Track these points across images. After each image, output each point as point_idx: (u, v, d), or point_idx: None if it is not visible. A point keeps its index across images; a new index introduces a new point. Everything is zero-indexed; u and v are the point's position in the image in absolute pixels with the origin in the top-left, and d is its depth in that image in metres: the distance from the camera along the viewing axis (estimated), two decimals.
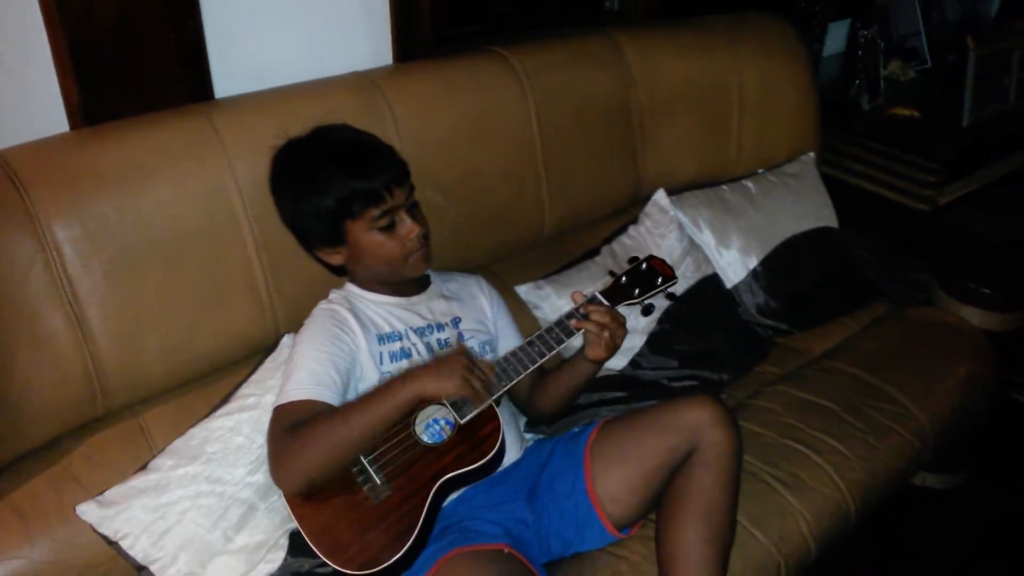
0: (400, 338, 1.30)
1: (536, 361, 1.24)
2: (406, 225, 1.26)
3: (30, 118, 1.27)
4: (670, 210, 1.79)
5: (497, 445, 1.19)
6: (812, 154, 2.04)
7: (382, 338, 1.29)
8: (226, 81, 1.44)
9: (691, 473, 1.20)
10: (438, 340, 1.34)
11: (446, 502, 1.22)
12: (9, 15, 1.21)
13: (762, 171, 2.02)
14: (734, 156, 2.01)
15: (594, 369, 1.32)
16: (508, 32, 1.82)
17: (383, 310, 1.32)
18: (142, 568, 1.15)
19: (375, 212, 1.23)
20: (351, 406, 1.15)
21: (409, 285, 1.37)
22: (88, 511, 1.12)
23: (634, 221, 1.82)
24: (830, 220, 1.95)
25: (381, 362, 1.27)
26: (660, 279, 1.32)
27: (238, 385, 1.31)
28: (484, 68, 1.63)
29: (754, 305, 1.83)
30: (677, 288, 1.38)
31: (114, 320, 1.21)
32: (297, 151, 1.29)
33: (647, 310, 1.32)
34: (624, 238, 1.79)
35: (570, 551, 1.28)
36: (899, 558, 1.79)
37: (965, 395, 1.64)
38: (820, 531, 1.35)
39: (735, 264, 1.84)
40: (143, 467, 1.19)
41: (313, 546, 1.11)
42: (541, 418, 1.45)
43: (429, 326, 1.35)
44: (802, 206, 1.93)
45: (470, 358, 1.18)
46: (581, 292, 1.30)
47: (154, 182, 1.24)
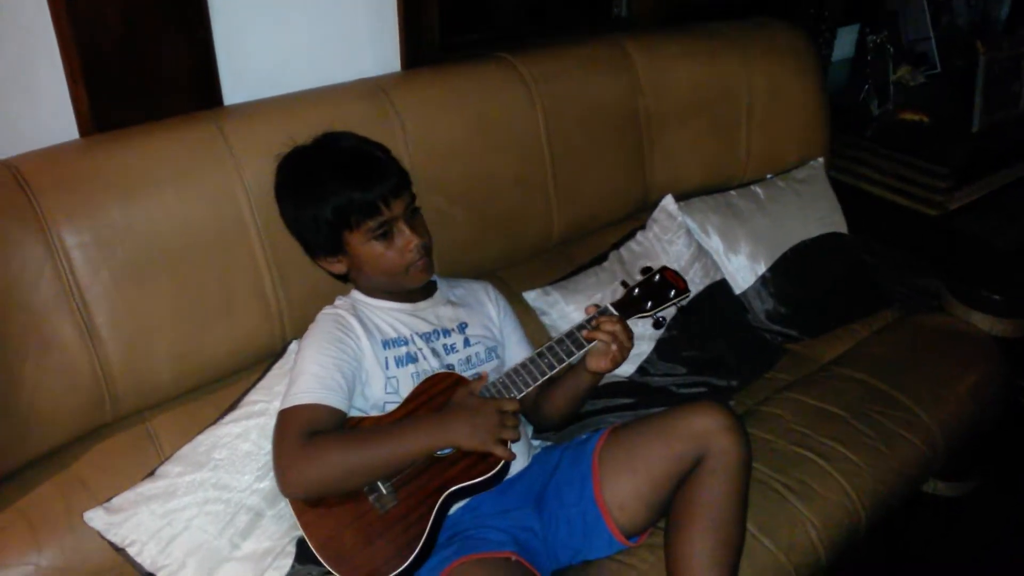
0: (406, 343, 1.30)
1: (546, 373, 1.24)
2: (404, 236, 1.26)
3: (40, 125, 1.28)
4: (678, 216, 1.78)
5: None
6: (821, 159, 2.03)
7: (387, 343, 1.29)
8: (235, 88, 1.45)
9: (699, 481, 1.20)
10: (444, 346, 1.34)
11: (452, 511, 1.21)
12: (19, 21, 1.22)
13: (771, 176, 2.01)
14: (743, 162, 2.00)
15: (596, 380, 1.31)
16: (516, 39, 1.82)
17: (388, 316, 1.33)
18: (149, 575, 1.15)
19: (372, 224, 1.23)
20: (374, 434, 1.16)
21: (415, 292, 1.37)
22: (95, 518, 1.13)
23: (642, 227, 1.81)
24: (839, 226, 1.94)
25: (387, 366, 1.27)
26: (673, 292, 1.31)
27: (246, 391, 1.31)
28: (492, 75, 1.63)
29: (763, 311, 1.82)
30: None
31: (123, 326, 1.22)
32: (300, 159, 1.29)
33: (658, 323, 1.32)
34: (632, 244, 1.78)
35: (578, 559, 1.27)
36: (909, 565, 1.78)
37: (975, 402, 1.63)
38: (830, 539, 1.34)
39: (744, 270, 1.83)
40: (151, 473, 1.20)
41: (318, 555, 1.11)
42: (547, 426, 1.44)
43: (435, 331, 1.34)
44: (811, 211, 1.93)
45: (503, 409, 1.18)
46: (595, 305, 1.29)
47: (163, 189, 1.25)
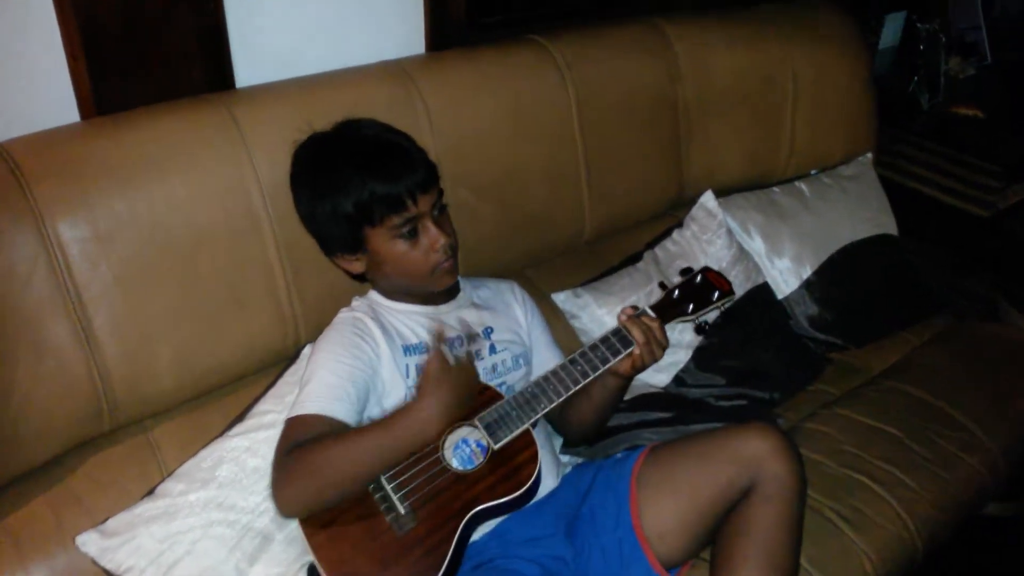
0: (427, 349, 1.20)
1: (580, 381, 1.14)
2: (431, 235, 1.16)
3: (37, 106, 1.18)
4: (718, 214, 1.67)
5: (535, 475, 1.08)
6: (870, 155, 1.91)
7: (408, 349, 1.18)
8: (248, 69, 1.34)
9: (751, 510, 1.09)
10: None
11: (476, 536, 1.11)
12: None
13: (815, 172, 1.89)
14: (785, 156, 1.88)
15: (622, 384, 1.21)
16: (548, 20, 1.70)
17: (409, 319, 1.22)
18: None
19: (396, 220, 1.13)
20: (360, 433, 1.05)
21: (437, 294, 1.26)
22: (89, 542, 1.03)
23: (679, 225, 1.70)
24: (889, 227, 1.82)
25: (408, 375, 1.16)
26: (716, 294, 1.21)
27: (256, 400, 1.21)
28: (523, 58, 1.51)
29: (807, 318, 1.71)
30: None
31: (124, 328, 1.12)
32: (319, 147, 1.18)
33: (701, 328, 1.22)
34: (668, 243, 1.67)
35: None
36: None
37: None
38: (886, 571, 1.24)
39: (787, 273, 1.72)
40: (150, 492, 1.10)
41: None
42: (576, 437, 1.34)
43: (459, 337, 1.23)
44: (860, 211, 1.81)
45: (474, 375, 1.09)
46: (633, 307, 1.19)
47: (169, 178, 1.14)
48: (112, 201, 1.10)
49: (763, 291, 1.66)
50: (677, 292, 1.21)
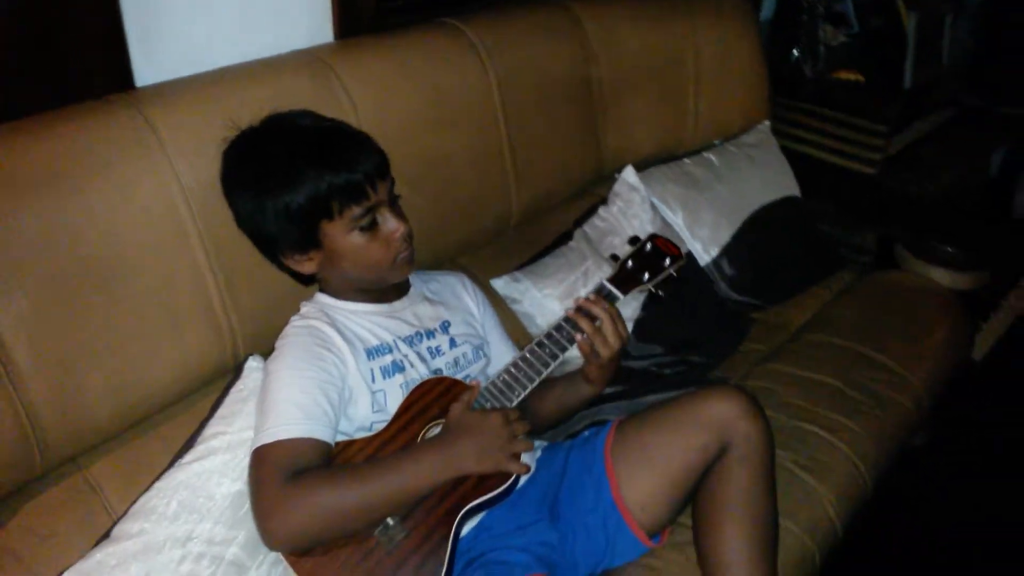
0: (390, 350, 1.15)
1: (549, 364, 1.12)
2: (390, 224, 1.11)
3: None
4: (640, 187, 1.69)
5: None
6: (767, 123, 2.00)
7: (371, 352, 1.13)
8: (148, 67, 1.23)
9: (728, 472, 1.11)
10: (429, 349, 1.19)
11: (463, 532, 1.08)
12: None
13: (719, 143, 1.96)
14: (691, 128, 1.94)
15: (592, 393, 1.22)
16: (454, 2, 1.67)
17: (366, 321, 1.16)
18: None
19: (357, 210, 1.07)
20: (371, 470, 0.99)
21: (390, 291, 1.21)
22: None
23: (603, 202, 1.71)
24: (793, 189, 1.91)
25: (373, 379, 1.11)
26: (668, 260, 1.22)
27: (203, 424, 1.11)
28: (442, 43, 1.47)
29: (728, 282, 1.76)
30: None
31: (48, 360, 1.00)
32: (256, 142, 1.10)
33: (657, 296, 1.23)
34: (596, 220, 1.68)
35: (599, 568, 1.16)
36: (901, 515, 1.78)
37: (948, 356, 1.63)
38: (844, 512, 1.30)
39: (707, 241, 1.76)
40: (106, 535, 0.99)
41: None
42: (539, 429, 1.32)
43: (418, 334, 1.19)
44: (766, 176, 1.89)
45: (508, 420, 1.05)
46: (595, 292, 1.18)
47: (83, 189, 1.03)
48: (22, 218, 0.98)
49: (688, 261, 1.69)
50: (631, 262, 1.21)
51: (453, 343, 1.22)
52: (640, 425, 1.19)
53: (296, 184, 1.05)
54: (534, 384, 1.11)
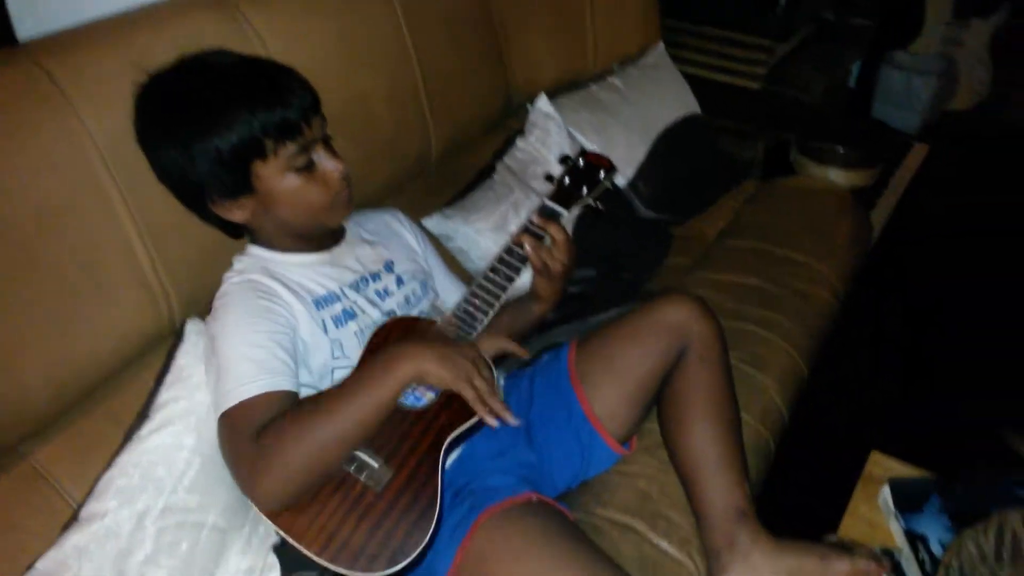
0: (338, 299, 1.10)
1: (506, 288, 1.11)
2: (327, 164, 1.06)
3: None
4: (555, 115, 1.69)
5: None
6: (661, 44, 2.04)
7: (319, 302, 1.08)
8: (30, 19, 1.10)
9: (690, 372, 1.15)
10: (377, 291, 1.16)
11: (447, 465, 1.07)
12: None
13: (617, 66, 1.98)
14: (591, 54, 1.95)
15: (542, 312, 1.22)
16: None
17: (308, 270, 1.11)
18: None
19: (292, 148, 1.01)
20: (334, 393, 0.96)
21: (326, 237, 1.16)
22: None
23: (520, 133, 1.71)
24: (694, 107, 1.97)
25: (327, 330, 1.07)
26: (601, 172, 1.23)
27: (153, 392, 1.04)
28: None
29: (645, 201, 1.81)
30: None
31: None
32: (174, 85, 1.02)
33: (597, 210, 1.24)
34: (515, 152, 1.67)
35: (576, 482, 1.19)
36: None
37: (853, 248, 1.75)
38: (788, 398, 1.39)
39: (622, 163, 1.79)
40: (73, 519, 0.92)
41: (321, 559, 0.92)
42: None
43: (363, 278, 1.16)
44: (668, 96, 1.93)
45: (480, 364, 1.01)
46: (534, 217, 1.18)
47: None
48: None
49: None
50: (567, 179, 1.21)
51: (400, 281, 1.20)
52: (600, 340, 1.21)
53: (226, 124, 0.97)
54: (495, 310, 1.10)
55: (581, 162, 1.24)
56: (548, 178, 1.24)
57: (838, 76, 3.16)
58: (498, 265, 1.12)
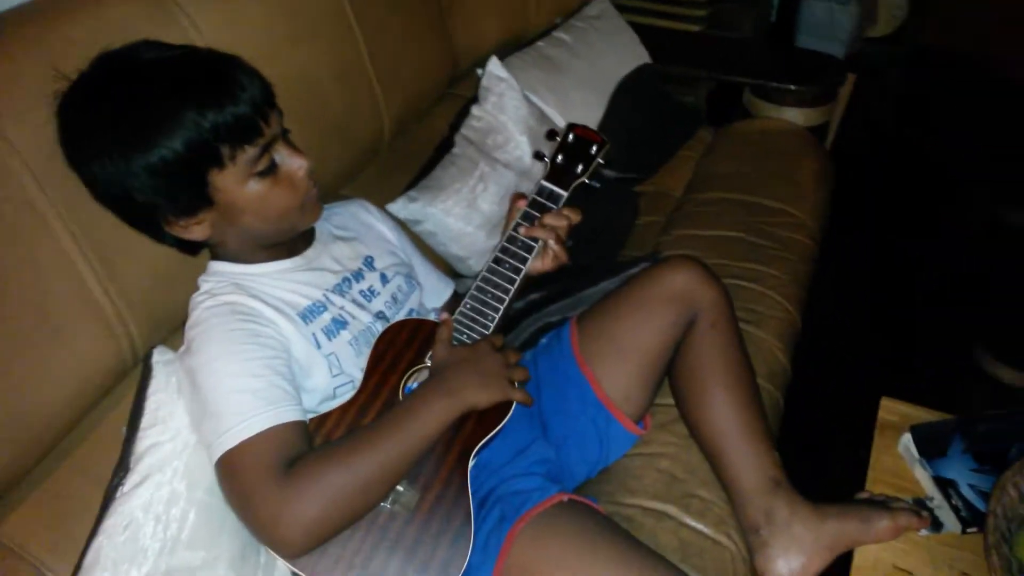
0: (324, 307, 1.00)
1: (515, 281, 1.03)
2: (292, 162, 0.93)
3: None
4: (508, 77, 1.59)
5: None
6: None
7: (305, 315, 0.97)
8: None
9: (703, 340, 1.10)
10: (362, 292, 1.06)
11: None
12: None
13: (560, 20, 1.89)
14: (533, 9, 1.86)
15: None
16: None
17: (285, 281, 0.99)
18: None
19: (252, 151, 0.88)
20: (375, 431, 0.87)
21: (297, 240, 1.04)
22: None
23: (474, 100, 1.60)
24: (644, 56, 1.90)
25: (319, 345, 0.96)
26: (593, 147, 1.15)
27: (129, 440, 0.92)
28: None
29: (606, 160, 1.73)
30: None
31: None
32: (101, 89, 0.86)
33: (591, 188, 1.16)
34: (472, 121, 1.57)
35: (596, 471, 1.14)
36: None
37: (821, 187, 1.73)
38: (788, 351, 1.36)
39: (581, 121, 1.70)
40: None
41: None
42: None
43: (345, 279, 1.05)
44: (618, 47, 1.85)
45: (496, 347, 0.96)
46: (521, 195, 1.09)
47: None
48: None
49: None
50: (561, 157, 1.13)
51: (384, 278, 1.10)
52: (603, 318, 1.15)
53: (170, 130, 0.83)
54: (505, 305, 1.02)
55: (571, 137, 1.15)
56: (538, 156, 1.16)
57: (762, 11, 3.14)
58: (502, 256, 1.04)
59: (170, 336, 1.07)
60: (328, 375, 0.96)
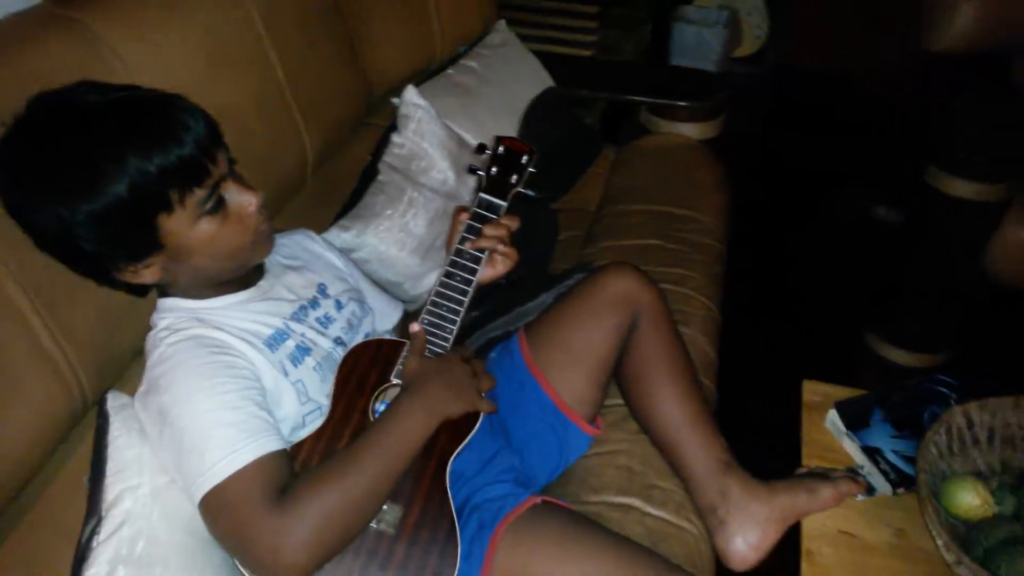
0: (287, 336, 1.00)
1: (468, 293, 1.06)
2: (241, 199, 0.92)
3: None
4: (425, 104, 1.62)
5: None
6: (503, 21, 2.02)
7: (270, 344, 0.97)
8: None
9: (647, 339, 1.17)
10: (318, 319, 1.06)
11: None
12: None
13: (464, 48, 1.95)
14: (439, 39, 1.90)
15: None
16: None
17: (244, 312, 0.99)
18: None
19: (201, 194, 0.87)
20: (358, 451, 0.87)
21: (249, 273, 1.03)
22: None
23: (393, 128, 1.62)
24: (548, 80, 1.97)
25: (286, 373, 0.96)
26: (524, 156, 1.20)
27: (96, 489, 0.88)
28: None
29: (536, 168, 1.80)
30: None
31: None
32: (38, 135, 0.83)
33: (525, 197, 1.21)
34: (393, 149, 1.59)
35: (557, 472, 1.18)
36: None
37: (721, 196, 1.85)
38: (714, 345, 1.45)
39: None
40: None
41: None
42: None
43: (302, 307, 1.06)
44: (523, 72, 1.92)
45: (465, 358, 0.99)
46: (463, 208, 1.13)
47: None
48: None
49: None
50: (494, 170, 1.17)
51: (339, 304, 1.10)
52: (551, 325, 1.20)
53: (115, 177, 0.81)
54: (461, 316, 1.05)
55: (501, 149, 1.20)
56: (471, 170, 1.20)
57: (640, 35, 3.32)
58: (452, 269, 1.06)
59: (119, 379, 1.04)
60: (297, 403, 0.96)
